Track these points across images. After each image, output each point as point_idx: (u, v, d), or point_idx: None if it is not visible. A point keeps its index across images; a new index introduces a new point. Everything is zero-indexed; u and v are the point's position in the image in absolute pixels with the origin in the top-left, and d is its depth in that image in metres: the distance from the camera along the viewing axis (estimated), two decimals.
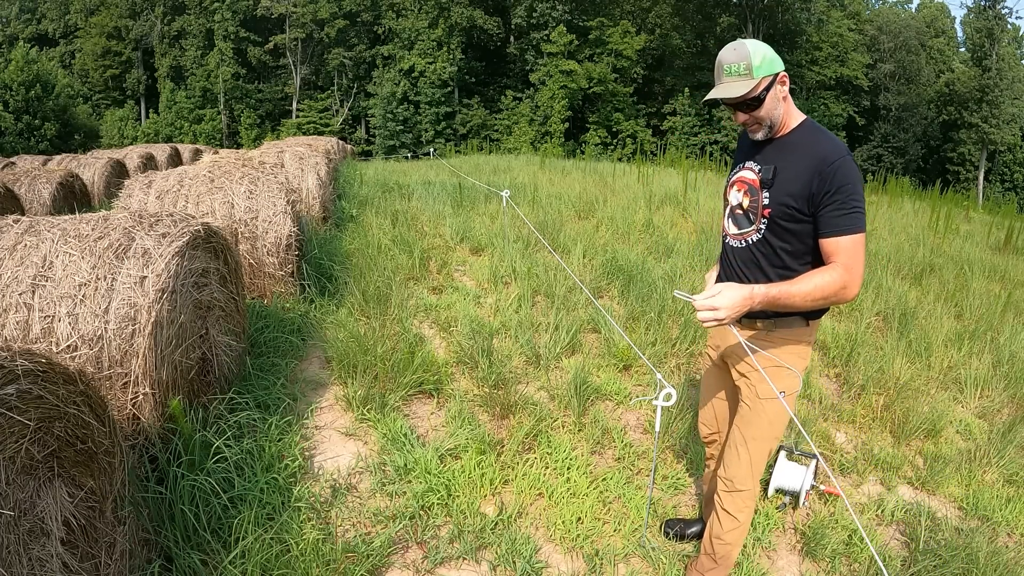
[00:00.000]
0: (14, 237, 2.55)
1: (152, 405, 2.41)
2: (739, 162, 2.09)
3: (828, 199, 1.79)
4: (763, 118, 1.88)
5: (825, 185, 1.78)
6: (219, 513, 2.34)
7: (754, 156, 2.01)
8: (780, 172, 1.89)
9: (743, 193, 2.01)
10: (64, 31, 46.69)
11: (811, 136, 1.90)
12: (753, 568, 2.46)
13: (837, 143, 1.86)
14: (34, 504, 1.65)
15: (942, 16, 46.09)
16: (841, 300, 1.80)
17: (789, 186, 1.86)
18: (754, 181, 1.97)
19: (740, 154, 2.11)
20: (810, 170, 1.81)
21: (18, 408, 1.52)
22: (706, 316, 1.74)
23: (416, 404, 3.49)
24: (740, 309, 1.74)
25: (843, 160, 1.79)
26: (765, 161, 1.95)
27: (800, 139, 1.91)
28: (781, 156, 1.92)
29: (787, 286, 1.78)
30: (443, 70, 38.82)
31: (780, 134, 1.94)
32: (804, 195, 1.83)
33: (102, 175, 11.24)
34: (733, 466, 2.13)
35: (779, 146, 1.94)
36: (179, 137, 40.64)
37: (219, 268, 3.09)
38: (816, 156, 1.82)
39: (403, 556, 2.42)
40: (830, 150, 1.82)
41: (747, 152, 2.07)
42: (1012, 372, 4.20)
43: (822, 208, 1.81)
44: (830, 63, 38.94)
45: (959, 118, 38.63)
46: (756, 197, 1.95)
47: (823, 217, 1.81)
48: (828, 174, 1.78)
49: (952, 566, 2.44)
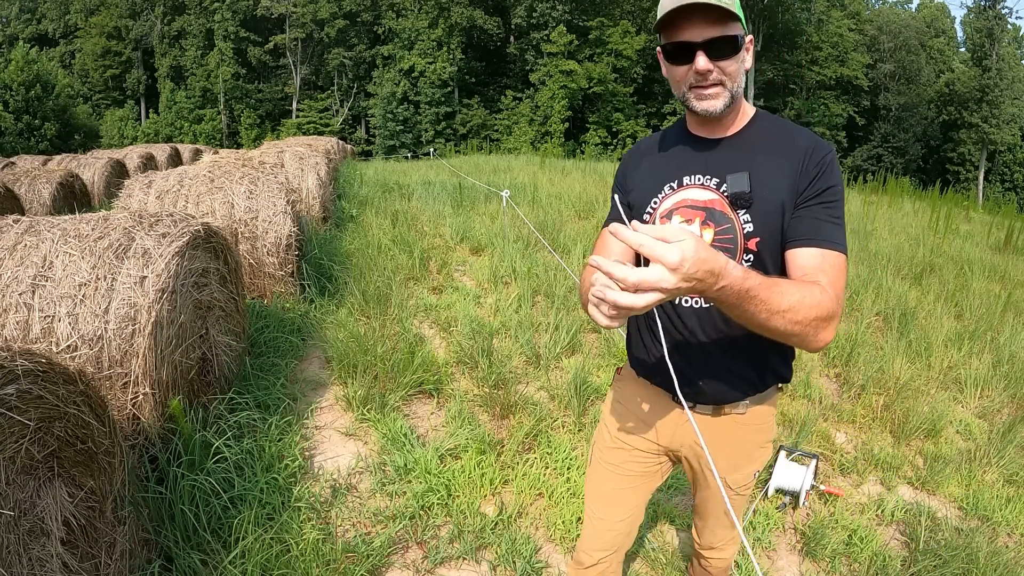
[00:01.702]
0: (14, 237, 2.55)
1: (152, 405, 2.41)
2: (662, 180, 1.40)
3: (814, 198, 1.28)
4: (733, 74, 1.27)
5: (812, 180, 1.28)
6: (219, 513, 2.34)
7: (691, 166, 1.37)
8: (759, 177, 1.30)
9: (699, 224, 1.33)
10: (64, 31, 46.69)
11: (782, 126, 1.38)
12: (753, 568, 2.46)
13: (818, 136, 1.36)
14: (34, 504, 1.65)
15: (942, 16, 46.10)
16: (813, 340, 1.16)
17: (777, 195, 1.28)
18: (713, 202, 1.32)
19: (654, 169, 1.44)
20: (794, 165, 1.29)
21: (18, 408, 1.52)
22: (644, 280, 0.92)
23: (416, 404, 3.49)
24: (697, 280, 0.95)
25: (834, 157, 1.32)
26: (722, 169, 1.34)
27: (768, 130, 1.36)
28: (748, 157, 1.33)
29: (765, 284, 1.08)
30: (443, 70, 38.82)
31: (732, 131, 1.37)
32: (791, 198, 1.29)
33: (102, 175, 11.24)
34: (722, 531, 1.68)
35: (736, 145, 1.35)
36: (179, 137, 40.64)
37: (219, 268, 3.09)
38: (800, 148, 1.31)
39: (403, 556, 2.42)
40: (818, 142, 1.32)
41: (672, 163, 1.41)
42: (1012, 372, 4.20)
43: (802, 207, 1.28)
44: (830, 63, 38.94)
45: (959, 118, 38.63)
46: (728, 224, 1.31)
47: (803, 219, 1.27)
48: (819, 168, 1.28)
49: (952, 566, 2.44)
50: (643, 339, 1.51)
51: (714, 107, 1.28)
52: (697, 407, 1.45)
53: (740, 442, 1.49)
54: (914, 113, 39.57)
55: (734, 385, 1.41)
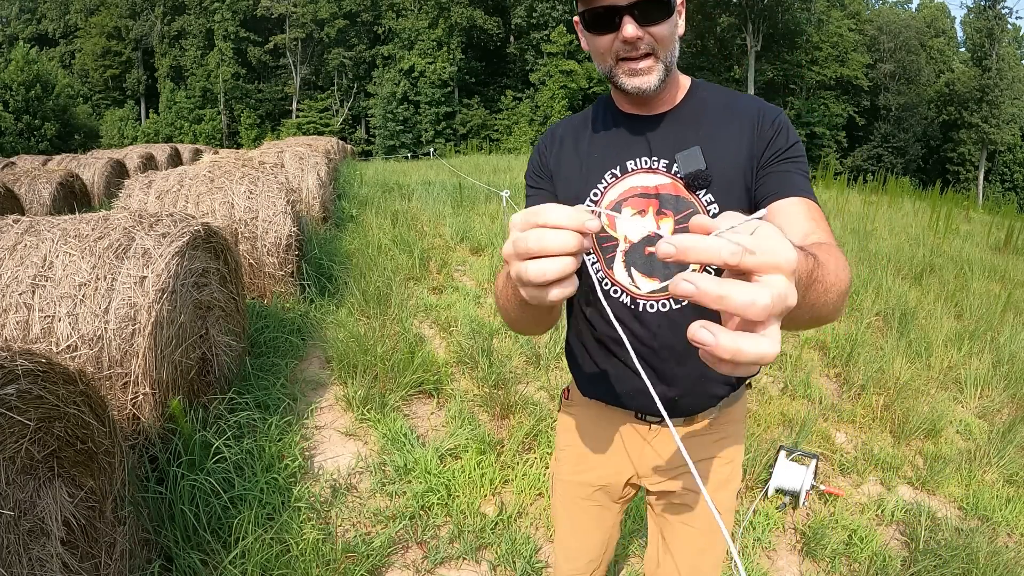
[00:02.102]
0: (14, 237, 2.55)
1: (152, 405, 2.41)
2: (600, 167, 1.19)
3: (776, 156, 1.11)
4: (666, 41, 1.07)
5: (770, 140, 1.12)
6: (219, 513, 2.34)
7: (632, 149, 1.18)
8: (712, 151, 1.12)
9: (653, 214, 1.14)
10: (64, 31, 46.71)
11: (724, 92, 1.21)
12: (753, 568, 2.46)
13: (763, 99, 1.20)
14: (34, 504, 1.65)
15: (942, 16, 46.10)
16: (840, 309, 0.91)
17: (736, 166, 1.12)
18: (666, 187, 1.14)
19: (586, 155, 1.22)
20: (747, 129, 1.13)
21: (18, 408, 1.52)
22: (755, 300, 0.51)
23: (416, 404, 3.49)
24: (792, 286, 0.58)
25: (787, 118, 1.16)
26: (668, 148, 1.15)
27: (710, 100, 1.19)
28: (695, 131, 1.15)
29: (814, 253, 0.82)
30: (443, 70, 38.84)
31: (670, 106, 1.18)
32: (750, 166, 1.12)
33: (102, 175, 11.24)
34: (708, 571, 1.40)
35: (679, 120, 1.17)
36: (179, 137, 40.66)
37: (219, 268, 3.09)
38: (749, 110, 1.15)
39: (403, 556, 2.42)
40: (765, 103, 1.17)
41: (609, 147, 1.20)
42: (1012, 372, 4.20)
43: (767, 167, 1.11)
44: (830, 63, 38.94)
45: (959, 118, 38.63)
46: (691, 209, 1.13)
47: (770, 176, 1.10)
48: (775, 127, 1.12)
49: (952, 566, 2.44)
50: (591, 354, 1.30)
51: (648, 84, 1.08)
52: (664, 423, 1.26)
53: (720, 452, 1.33)
54: (914, 113, 39.58)
55: (708, 391, 1.24)
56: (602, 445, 1.37)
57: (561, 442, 1.47)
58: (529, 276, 0.65)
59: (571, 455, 1.43)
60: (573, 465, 1.42)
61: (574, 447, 1.42)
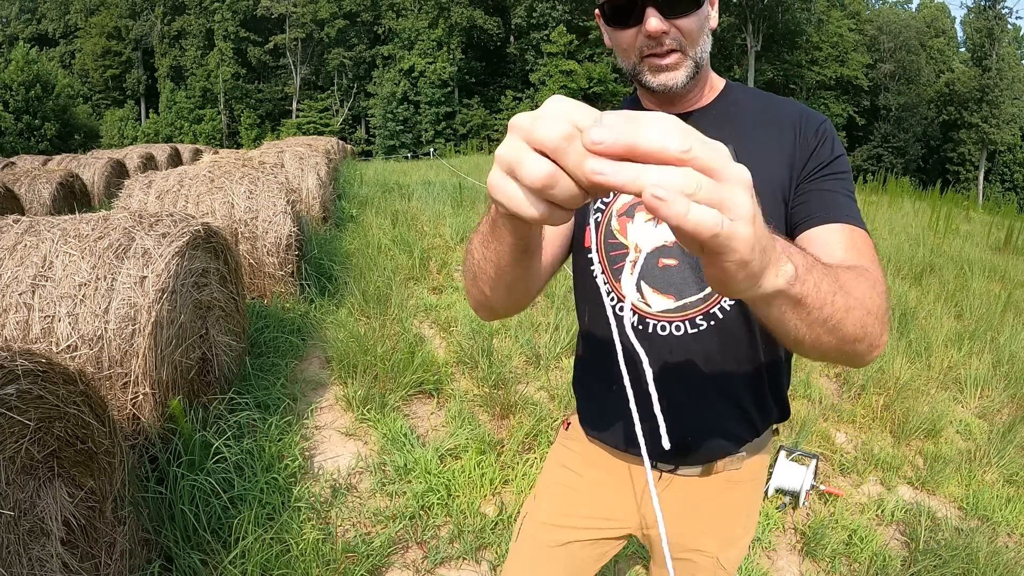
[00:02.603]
0: (14, 237, 2.55)
1: (152, 405, 2.41)
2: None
3: (820, 170, 0.99)
4: (694, 35, 0.96)
5: (813, 150, 1.00)
6: (219, 513, 2.34)
7: None
8: (746, 153, 0.93)
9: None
10: (64, 31, 46.73)
11: (763, 96, 1.10)
12: (753, 568, 2.46)
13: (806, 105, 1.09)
14: (34, 504, 1.65)
15: (942, 16, 46.11)
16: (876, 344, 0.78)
17: (772, 173, 0.99)
18: None
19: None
20: (787, 135, 1.02)
21: (18, 408, 1.52)
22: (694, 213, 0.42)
23: (416, 404, 3.49)
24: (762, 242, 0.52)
25: (832, 126, 1.05)
26: None
27: (746, 102, 1.08)
28: (726, 131, 1.00)
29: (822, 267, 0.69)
30: (443, 70, 38.85)
31: (701, 102, 1.07)
32: (790, 181, 1.00)
33: (102, 175, 11.24)
34: None
35: (709, 119, 1.05)
36: (179, 137, 40.67)
37: (219, 268, 3.09)
38: (790, 115, 1.03)
39: (403, 556, 2.42)
40: (809, 110, 1.05)
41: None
42: (1012, 372, 4.20)
43: (807, 182, 0.99)
44: (830, 63, 38.96)
45: (959, 118, 38.64)
46: None
47: (811, 195, 0.98)
48: (819, 136, 1.01)
49: (952, 566, 2.44)
50: (595, 383, 1.16)
51: (674, 80, 0.97)
52: (680, 469, 1.12)
53: (736, 507, 1.17)
54: (914, 113, 39.60)
55: (730, 432, 1.09)
56: (602, 491, 1.19)
57: (549, 479, 1.27)
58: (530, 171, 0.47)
59: (559, 496, 1.23)
60: (560, 507, 1.22)
61: (566, 488, 1.23)
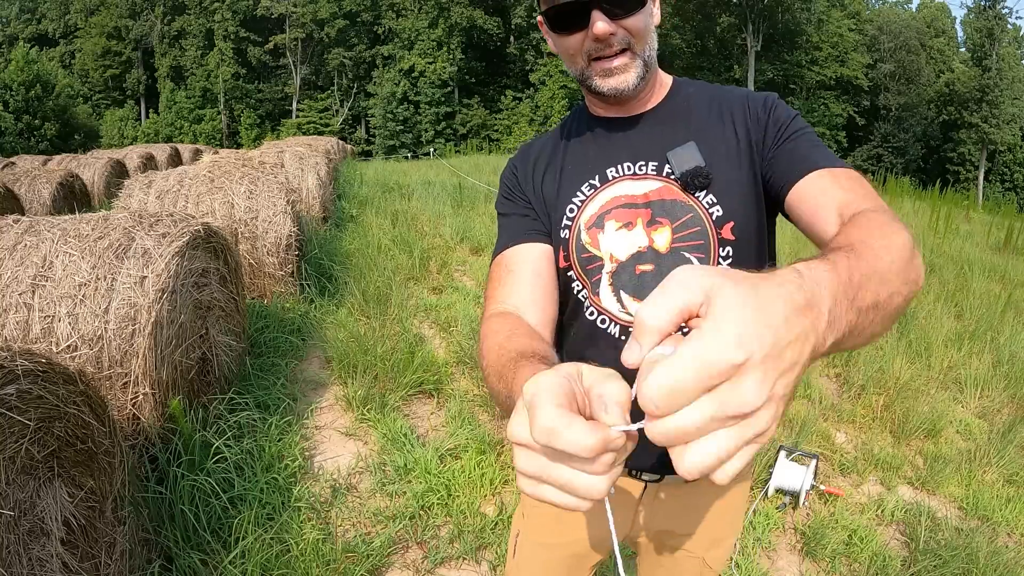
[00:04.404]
0: (14, 237, 2.55)
1: (152, 405, 2.41)
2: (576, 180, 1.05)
3: (780, 134, 0.98)
4: (642, 33, 0.94)
5: (767, 122, 1.00)
6: (219, 513, 2.34)
7: (613, 155, 1.04)
8: (708, 145, 0.99)
9: (643, 226, 0.99)
10: (64, 31, 46.73)
11: (710, 87, 1.09)
12: (753, 568, 2.46)
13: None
14: (34, 504, 1.65)
15: (942, 16, 46.11)
16: (916, 282, 0.68)
17: (733, 162, 0.99)
18: (658, 192, 0.99)
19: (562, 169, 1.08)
20: (739, 116, 1.02)
21: (18, 408, 1.52)
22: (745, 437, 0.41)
23: (416, 404, 3.49)
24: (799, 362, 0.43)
25: (779, 98, 1.04)
26: (656, 149, 1.01)
27: (696, 95, 1.07)
28: (684, 126, 1.02)
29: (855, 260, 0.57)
30: (443, 70, 38.87)
31: (652, 102, 1.06)
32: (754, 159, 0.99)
33: (102, 175, 11.24)
34: None
35: (664, 117, 1.04)
36: (179, 137, 40.67)
37: (219, 268, 3.09)
38: (737, 97, 1.04)
39: (403, 556, 2.42)
40: (753, 92, 1.06)
41: (586, 156, 1.07)
42: (1012, 372, 4.20)
43: (776, 147, 0.98)
44: (830, 63, 38.96)
45: (959, 118, 38.63)
46: (691, 214, 0.97)
47: (779, 157, 0.97)
48: (767, 107, 1.01)
49: (952, 566, 2.44)
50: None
51: (626, 83, 0.95)
52: (666, 477, 1.09)
53: (722, 508, 1.16)
54: (914, 113, 39.59)
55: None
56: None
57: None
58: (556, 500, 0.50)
59: (548, 513, 1.19)
60: (550, 526, 1.20)
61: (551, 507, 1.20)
